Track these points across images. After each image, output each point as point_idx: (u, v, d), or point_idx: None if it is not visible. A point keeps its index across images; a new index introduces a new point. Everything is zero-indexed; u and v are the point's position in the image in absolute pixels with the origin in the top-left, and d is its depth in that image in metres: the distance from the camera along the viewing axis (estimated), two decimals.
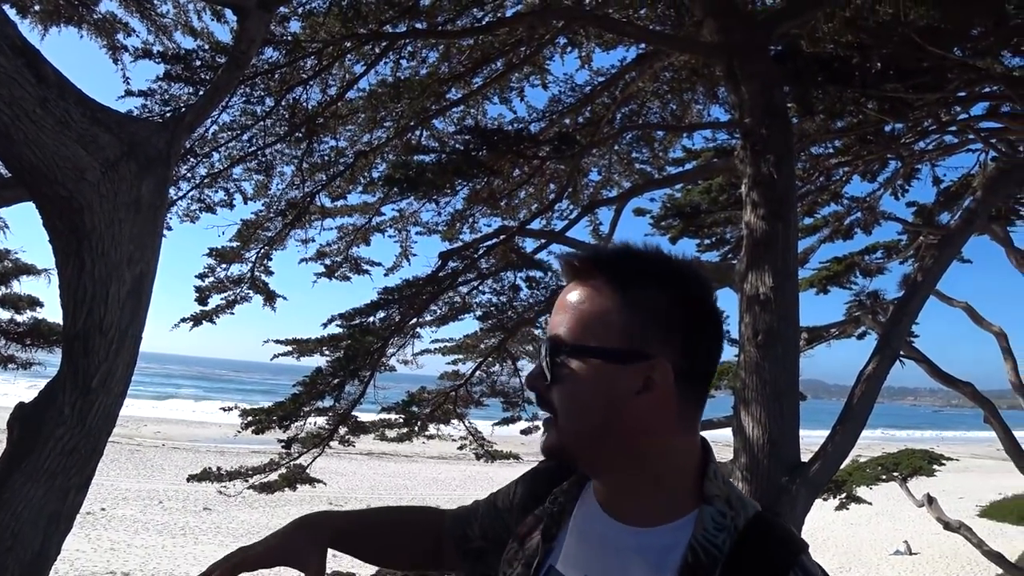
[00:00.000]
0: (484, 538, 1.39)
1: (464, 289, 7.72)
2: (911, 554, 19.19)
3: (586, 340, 1.06)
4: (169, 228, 7.41)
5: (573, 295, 1.09)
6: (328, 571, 1.48)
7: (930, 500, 11.98)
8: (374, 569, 8.63)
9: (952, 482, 21.87)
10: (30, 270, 7.17)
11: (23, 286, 7.31)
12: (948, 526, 11.63)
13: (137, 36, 6.81)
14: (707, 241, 10.52)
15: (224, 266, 8.30)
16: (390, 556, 1.57)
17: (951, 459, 13.61)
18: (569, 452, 1.09)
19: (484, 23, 7.25)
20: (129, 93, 6.65)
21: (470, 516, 1.45)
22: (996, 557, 11.31)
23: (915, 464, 12.54)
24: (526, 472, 1.41)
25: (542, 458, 1.20)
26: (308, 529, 1.46)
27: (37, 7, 6.19)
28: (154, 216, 2.92)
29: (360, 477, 26.44)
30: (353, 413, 7.65)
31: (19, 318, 7.23)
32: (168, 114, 6.56)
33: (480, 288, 7.79)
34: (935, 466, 12.65)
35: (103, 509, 17.83)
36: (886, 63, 6.60)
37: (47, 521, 2.72)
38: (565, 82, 8.29)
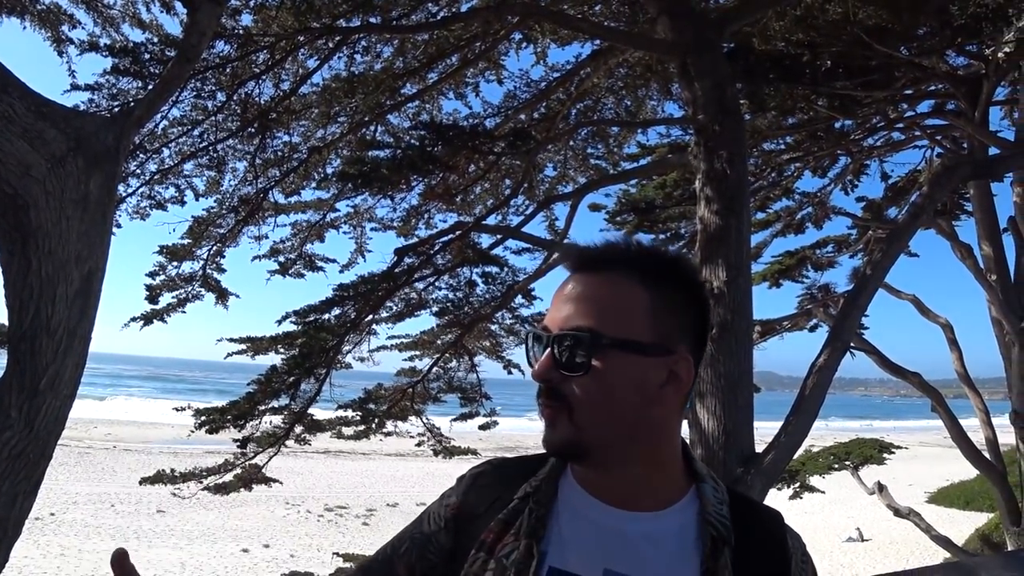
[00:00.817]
0: (411, 573, 1.27)
1: (420, 285, 7.68)
2: (863, 540, 19.65)
3: (621, 332, 1.06)
4: (118, 225, 7.26)
5: (592, 287, 1.10)
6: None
7: (881, 488, 12.25)
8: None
9: (902, 470, 22.40)
10: None
11: None
12: (898, 513, 11.90)
13: (83, 28, 6.65)
14: (662, 236, 10.61)
15: (175, 264, 8.14)
16: None
17: (900, 448, 13.94)
18: (586, 446, 1.08)
19: (439, 18, 7.22)
20: (75, 87, 6.48)
21: (389, 561, 1.30)
22: (944, 541, 11.60)
23: (866, 453, 12.81)
24: (461, 482, 1.30)
25: (501, 452, 1.18)
26: None
27: None
28: (103, 213, 2.86)
29: (317, 476, 26.23)
30: (309, 411, 7.57)
31: None
32: (116, 109, 6.41)
33: (436, 284, 7.76)
34: (885, 455, 12.94)
35: (52, 514, 17.45)
36: (836, 61, 6.72)
37: None
38: (520, 78, 8.32)
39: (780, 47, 6.73)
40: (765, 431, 5.85)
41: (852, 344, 6.26)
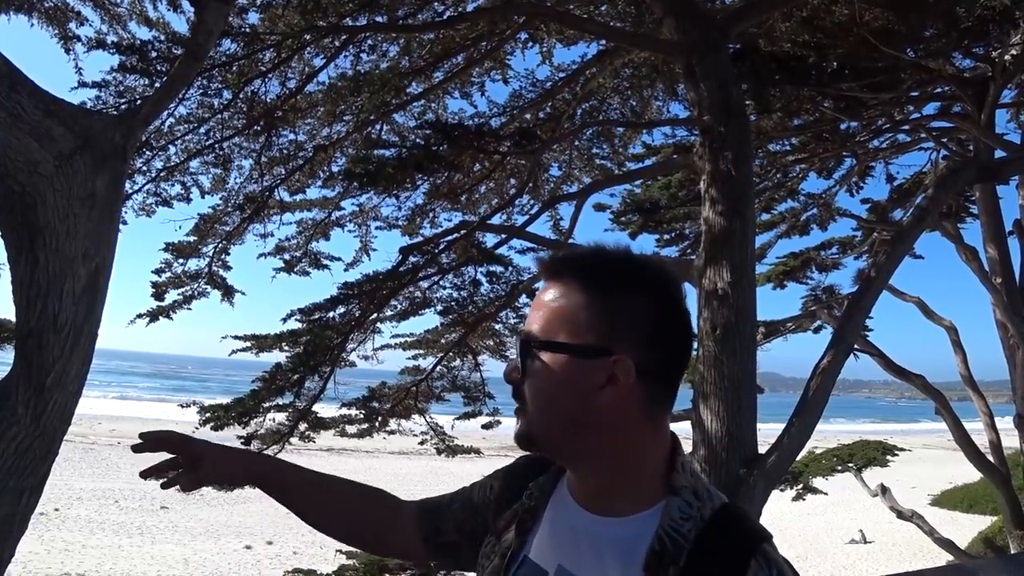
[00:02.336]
0: (458, 532, 1.42)
1: (425, 284, 7.69)
2: (866, 543, 19.61)
3: (554, 336, 1.11)
4: (124, 222, 7.27)
5: (547, 294, 1.15)
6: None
7: (884, 490, 12.25)
8: None
9: (905, 472, 22.34)
10: None
11: None
12: (901, 515, 11.90)
13: (90, 25, 6.67)
14: (666, 237, 10.61)
15: (181, 261, 8.17)
16: (326, 518, 1.54)
17: (904, 450, 13.91)
18: (536, 441, 1.14)
19: (445, 18, 7.23)
20: (82, 84, 6.51)
21: (442, 510, 1.47)
22: (947, 544, 11.60)
23: (869, 455, 12.80)
24: (501, 468, 1.45)
25: (504, 451, 1.22)
26: (254, 460, 1.59)
27: None
28: (110, 211, 2.87)
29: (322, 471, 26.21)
30: (313, 409, 7.59)
31: None
32: (123, 106, 6.44)
33: (441, 283, 7.77)
34: (888, 457, 12.92)
35: (57, 510, 17.49)
36: (842, 63, 6.71)
37: (0, 523, 2.66)
38: (526, 77, 8.31)
39: (786, 48, 6.73)
40: (768, 432, 5.86)
41: (856, 346, 6.26)
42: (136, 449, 1.44)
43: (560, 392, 1.10)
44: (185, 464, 1.46)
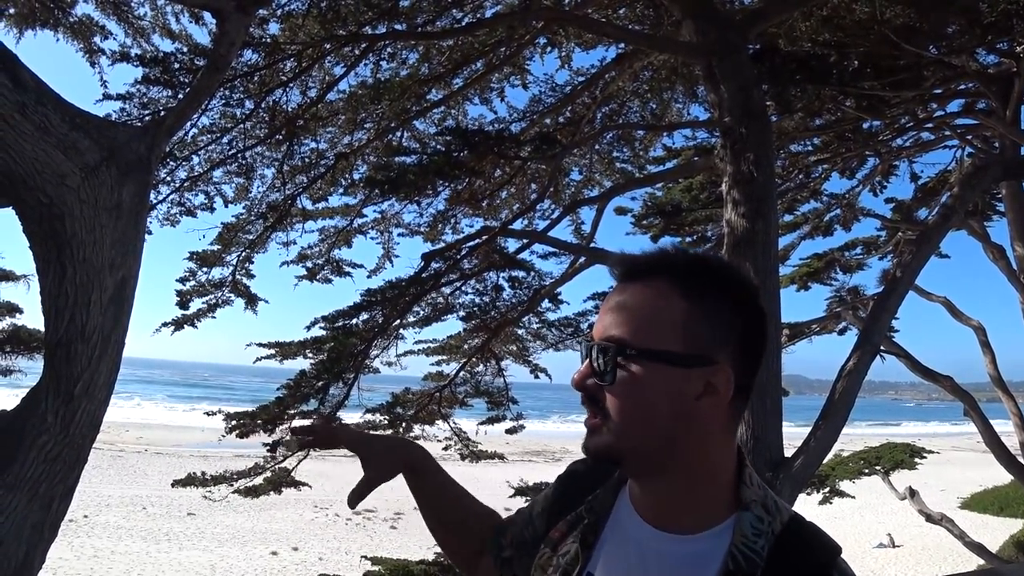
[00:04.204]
0: (512, 546, 1.39)
1: (447, 290, 7.71)
2: (894, 547, 19.37)
3: (649, 341, 1.04)
4: (149, 232, 7.35)
5: (632, 296, 1.08)
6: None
7: (912, 493, 12.11)
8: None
9: (933, 475, 22.10)
10: (9, 276, 7.10)
11: (1, 292, 7.24)
12: (930, 518, 11.75)
13: (114, 39, 6.77)
14: (688, 239, 10.56)
15: (205, 270, 8.25)
16: (446, 528, 1.56)
17: (932, 452, 13.72)
18: (620, 454, 1.08)
19: (464, 24, 7.26)
20: (107, 97, 6.61)
21: (506, 526, 1.45)
22: (978, 548, 11.44)
23: (897, 457, 12.64)
24: (560, 474, 1.40)
25: (528, 456, 1.20)
26: (404, 449, 1.59)
27: (12, 10, 6.13)
28: (135, 221, 2.91)
29: (345, 480, 26.32)
30: (337, 415, 7.62)
31: None
32: (147, 118, 6.52)
33: (463, 289, 7.79)
34: (916, 459, 12.76)
35: (86, 516, 17.68)
36: (863, 61, 6.67)
37: (31, 531, 2.70)
38: (545, 82, 8.35)
39: (806, 48, 6.69)
40: (793, 435, 5.82)
41: (882, 347, 6.20)
42: (292, 440, 1.55)
43: (656, 403, 1.04)
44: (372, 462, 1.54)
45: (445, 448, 9.08)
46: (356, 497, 1.53)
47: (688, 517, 1.08)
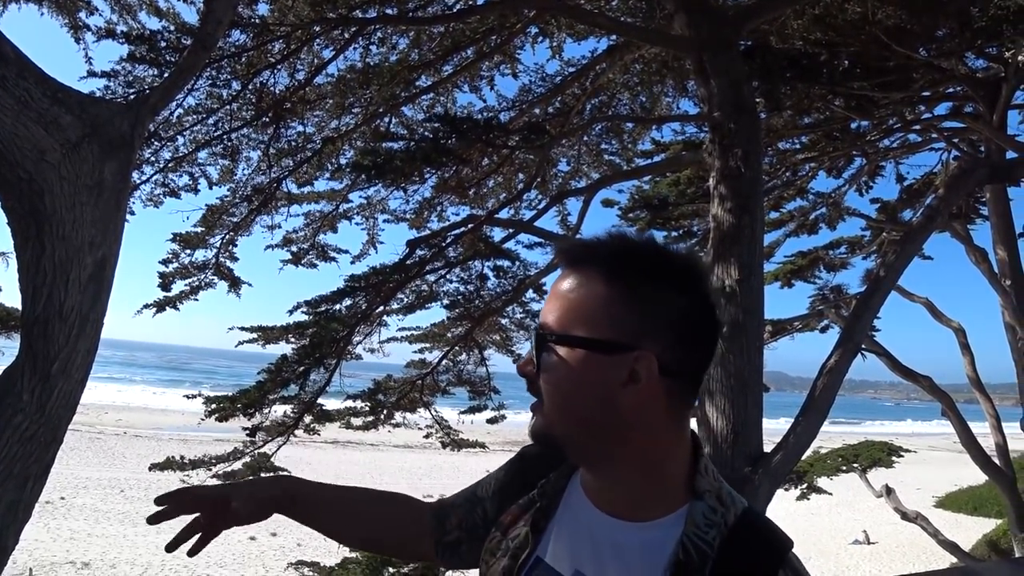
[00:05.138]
0: (460, 528, 1.38)
1: (431, 277, 7.69)
2: (869, 543, 19.58)
3: (573, 329, 1.04)
4: (132, 213, 7.29)
5: (565, 283, 1.08)
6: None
7: (888, 491, 12.23)
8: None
9: (910, 473, 22.30)
10: None
11: None
12: (905, 516, 11.88)
13: (100, 15, 6.67)
14: (674, 233, 10.58)
15: (188, 252, 8.18)
16: (364, 535, 1.52)
17: (909, 451, 13.87)
18: (553, 438, 1.08)
19: (455, 10, 7.22)
20: (92, 74, 6.52)
21: (448, 508, 1.42)
22: (951, 546, 11.58)
23: (874, 456, 12.76)
24: (512, 458, 1.39)
25: (509, 446, 1.18)
26: (272, 486, 1.45)
27: None
28: (116, 200, 2.86)
29: (325, 466, 26.32)
30: (319, 401, 7.60)
31: None
32: (132, 96, 6.43)
33: (447, 277, 7.77)
34: (894, 458, 12.89)
35: (63, 498, 17.59)
36: (853, 61, 6.68)
37: (4, 510, 2.66)
38: (536, 72, 8.29)
39: (798, 46, 6.70)
40: (773, 431, 5.85)
41: (863, 346, 6.24)
42: (152, 521, 1.39)
43: (578, 389, 1.04)
44: (211, 513, 1.40)
45: (427, 436, 9.08)
46: (198, 546, 1.41)
47: (638, 504, 1.08)
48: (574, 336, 1.04)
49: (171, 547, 1.42)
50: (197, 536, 1.41)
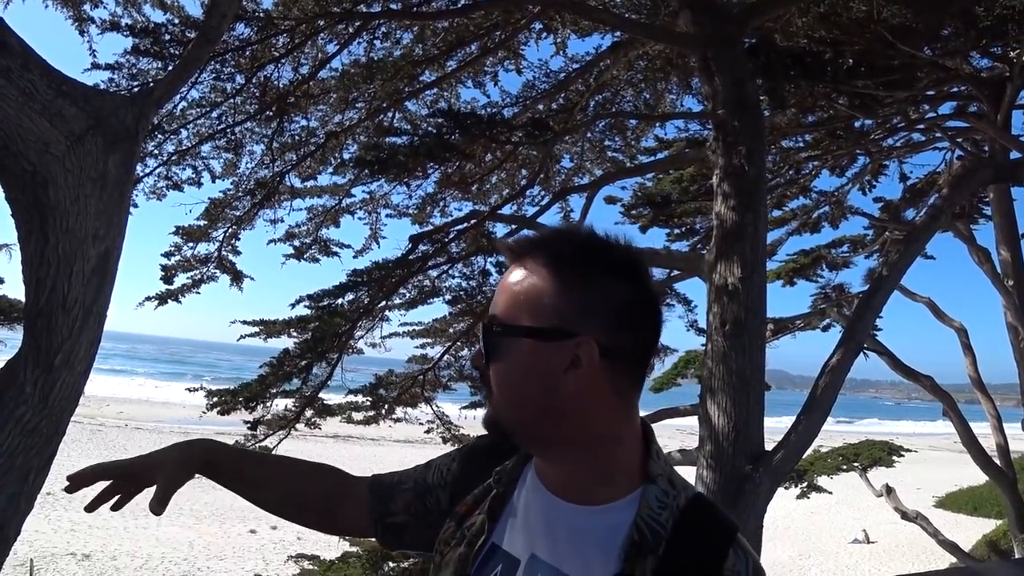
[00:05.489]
0: (407, 512, 1.37)
1: (434, 273, 7.70)
2: (869, 543, 19.59)
3: (516, 319, 1.08)
4: (135, 205, 7.28)
5: (510, 277, 1.11)
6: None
7: (888, 490, 12.23)
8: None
9: (910, 473, 22.28)
10: None
11: None
12: (905, 516, 11.87)
13: (104, 8, 6.65)
14: (677, 231, 10.58)
15: (191, 245, 8.19)
16: (276, 498, 1.47)
17: (910, 451, 13.85)
18: (504, 426, 1.11)
19: (459, 6, 7.20)
20: (96, 66, 6.53)
21: (394, 489, 1.40)
22: (951, 546, 11.57)
23: (875, 455, 12.76)
24: (462, 447, 1.41)
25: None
26: (184, 448, 1.44)
27: None
28: (120, 192, 2.86)
29: (325, 460, 26.05)
30: (320, 395, 7.61)
31: None
32: (136, 89, 6.43)
33: (450, 272, 7.78)
34: (894, 457, 12.88)
35: (64, 489, 17.60)
36: (858, 60, 6.66)
37: (7, 502, 2.66)
38: (539, 68, 8.28)
39: (802, 44, 6.68)
40: (774, 429, 5.84)
41: (865, 345, 6.23)
42: (69, 490, 1.42)
43: (524, 377, 1.07)
44: (129, 482, 1.41)
45: (428, 431, 9.09)
46: (97, 505, 1.45)
47: (589, 488, 1.11)
48: (518, 326, 1.08)
49: (90, 508, 1.45)
50: (116, 497, 1.43)
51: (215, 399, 7.25)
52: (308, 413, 7.68)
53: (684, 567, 1.03)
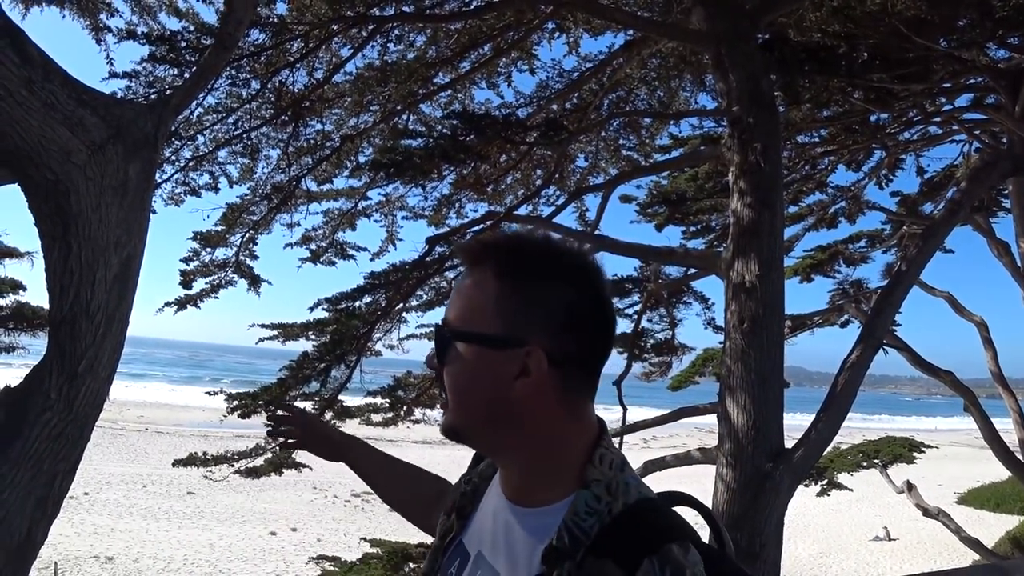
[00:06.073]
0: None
1: (450, 274, 7.71)
2: (890, 540, 19.46)
3: (468, 325, 1.10)
4: (153, 211, 7.32)
5: (464, 281, 1.14)
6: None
7: (909, 487, 12.12)
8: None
9: (931, 469, 22.11)
10: (13, 253, 7.10)
11: (6, 269, 7.25)
12: (927, 513, 11.77)
13: (121, 16, 6.71)
14: (692, 228, 10.55)
15: (209, 250, 8.24)
16: (399, 502, 1.69)
17: (931, 447, 13.75)
18: (457, 431, 1.15)
19: (472, 7, 7.21)
20: (113, 75, 6.58)
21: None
22: (973, 543, 11.47)
23: (895, 451, 12.66)
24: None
25: None
26: (353, 442, 1.77)
27: None
28: (141, 199, 2.90)
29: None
30: (339, 398, 7.64)
31: (1, 302, 7.17)
32: (152, 96, 6.49)
33: None
34: (915, 453, 12.77)
35: (86, 493, 17.79)
36: (873, 53, 6.62)
37: (34, 506, 2.70)
38: (553, 68, 8.27)
39: (816, 38, 6.64)
40: (792, 427, 5.82)
41: (884, 341, 6.20)
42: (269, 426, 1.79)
43: (474, 383, 1.10)
44: (306, 433, 1.77)
45: None
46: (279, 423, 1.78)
47: (535, 491, 1.13)
48: (469, 332, 1.10)
49: (272, 433, 1.80)
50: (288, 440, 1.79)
51: (235, 402, 7.30)
52: (328, 415, 7.71)
53: (597, 575, 1.00)
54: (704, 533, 1.14)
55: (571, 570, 1.01)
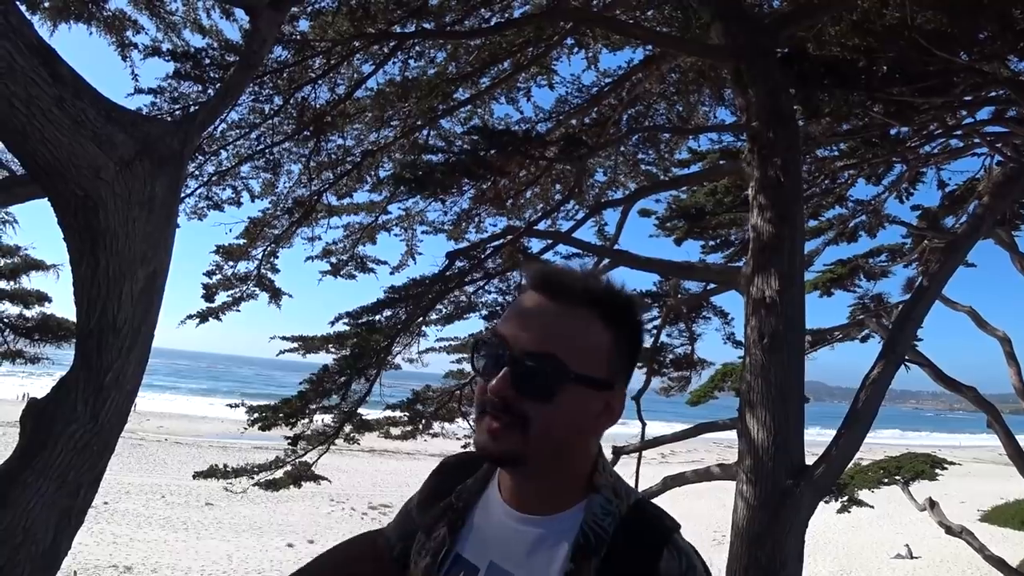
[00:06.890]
0: (400, 539, 1.47)
1: (470, 289, 7.74)
2: (912, 558, 19.20)
3: (586, 369, 1.15)
4: (177, 225, 7.42)
5: (555, 315, 1.17)
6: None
7: (932, 504, 11.97)
8: None
9: (954, 486, 21.87)
10: (39, 266, 7.22)
11: (32, 281, 7.36)
12: (950, 530, 11.61)
13: (146, 33, 6.83)
14: (712, 243, 10.52)
15: (231, 263, 8.34)
16: None
17: (953, 463, 13.60)
18: (525, 460, 1.18)
19: (492, 24, 7.27)
20: (139, 91, 6.69)
21: (390, 526, 1.54)
22: (997, 562, 11.29)
23: (917, 468, 12.53)
24: (434, 468, 1.50)
25: None
26: None
27: (47, 3, 6.20)
28: (167, 215, 2.94)
29: (362, 474, 26.51)
30: (359, 411, 7.68)
31: (28, 313, 7.28)
32: (177, 112, 6.59)
33: (486, 288, 7.82)
34: (937, 470, 12.64)
35: (106, 503, 17.89)
36: (892, 66, 6.60)
37: (58, 517, 2.74)
38: (572, 83, 8.30)
39: (835, 52, 6.63)
40: (812, 442, 5.78)
41: (906, 356, 6.15)
42: None
43: (573, 420, 1.16)
44: None
45: (464, 446, 9.10)
46: None
47: (546, 501, 1.22)
48: (588, 376, 1.15)
49: None
50: None
51: (256, 415, 7.35)
52: (347, 428, 7.75)
53: (623, 567, 1.14)
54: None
55: (597, 565, 1.14)
